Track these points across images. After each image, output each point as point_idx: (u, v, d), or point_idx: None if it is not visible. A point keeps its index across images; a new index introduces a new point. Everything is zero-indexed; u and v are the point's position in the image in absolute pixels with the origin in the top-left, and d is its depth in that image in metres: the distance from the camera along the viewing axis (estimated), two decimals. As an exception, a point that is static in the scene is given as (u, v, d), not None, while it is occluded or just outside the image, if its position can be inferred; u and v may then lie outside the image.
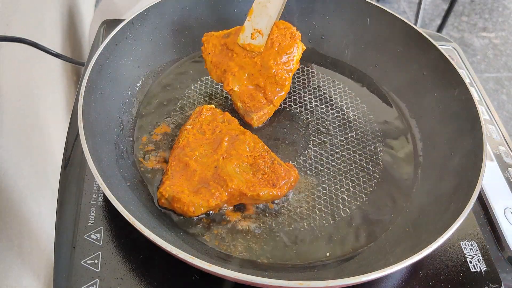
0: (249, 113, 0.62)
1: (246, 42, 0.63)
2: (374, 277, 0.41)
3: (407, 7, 2.35)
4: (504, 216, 0.56)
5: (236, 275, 0.40)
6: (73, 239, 0.48)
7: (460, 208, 0.47)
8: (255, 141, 0.57)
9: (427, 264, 0.50)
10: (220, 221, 0.53)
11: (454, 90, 0.62)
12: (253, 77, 0.62)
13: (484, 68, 2.07)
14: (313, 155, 0.61)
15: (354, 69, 0.74)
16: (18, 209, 0.71)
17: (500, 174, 0.61)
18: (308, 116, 0.66)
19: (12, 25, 0.70)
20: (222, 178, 0.52)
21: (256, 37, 0.62)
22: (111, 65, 0.61)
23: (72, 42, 1.08)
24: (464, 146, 0.57)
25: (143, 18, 0.67)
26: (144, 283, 0.46)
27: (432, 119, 0.64)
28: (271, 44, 0.62)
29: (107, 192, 0.45)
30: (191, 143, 0.56)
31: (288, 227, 0.53)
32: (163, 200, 0.52)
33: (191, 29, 0.73)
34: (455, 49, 0.82)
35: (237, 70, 0.63)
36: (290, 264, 0.50)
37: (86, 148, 0.48)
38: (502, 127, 0.69)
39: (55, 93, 0.96)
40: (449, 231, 0.45)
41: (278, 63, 0.61)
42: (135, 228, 0.43)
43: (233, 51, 0.63)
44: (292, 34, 0.62)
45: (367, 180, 0.59)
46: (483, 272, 0.50)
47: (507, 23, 2.34)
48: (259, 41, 0.62)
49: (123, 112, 0.61)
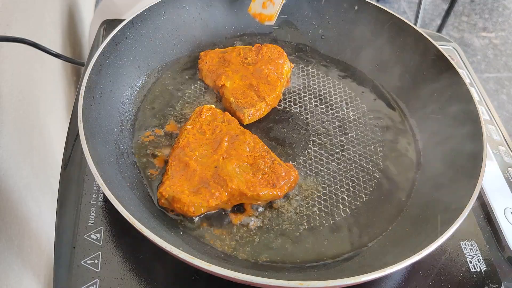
0: (241, 109, 0.62)
1: (257, 12, 0.62)
2: (374, 277, 0.41)
3: (407, 7, 2.35)
4: (504, 216, 0.56)
5: (236, 275, 0.40)
6: (73, 239, 0.48)
7: (460, 208, 0.47)
8: (255, 141, 0.57)
9: (427, 264, 0.50)
10: (220, 221, 0.53)
11: (454, 90, 0.62)
12: (246, 77, 0.66)
13: (484, 68, 2.07)
14: (313, 155, 0.61)
15: (354, 69, 0.74)
16: (18, 209, 0.71)
17: (500, 174, 0.61)
18: (308, 116, 0.66)
19: (12, 25, 0.70)
20: (222, 178, 0.52)
21: (268, 6, 0.61)
22: (111, 65, 0.61)
23: (72, 42, 1.08)
24: (464, 146, 0.56)
25: (143, 18, 0.67)
26: (144, 283, 0.46)
27: (432, 119, 0.64)
28: (261, 57, 0.69)
29: (107, 192, 0.45)
30: (191, 143, 0.56)
31: (288, 227, 0.53)
32: (163, 200, 0.52)
33: (191, 29, 0.73)
34: (455, 49, 0.82)
35: (231, 72, 0.66)
36: (290, 264, 0.50)
37: (86, 148, 0.48)
38: (502, 127, 0.69)
39: (55, 93, 0.96)
40: (449, 231, 0.45)
41: (269, 68, 0.67)
42: (135, 228, 0.43)
43: (229, 62, 0.68)
44: (279, 51, 0.70)
45: (367, 180, 0.59)
46: (483, 272, 0.50)
47: (507, 23, 2.34)
48: (270, 11, 0.61)
49: (123, 112, 0.61)
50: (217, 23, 0.75)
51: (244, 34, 0.77)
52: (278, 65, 0.68)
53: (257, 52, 0.70)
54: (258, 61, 0.68)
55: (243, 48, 0.71)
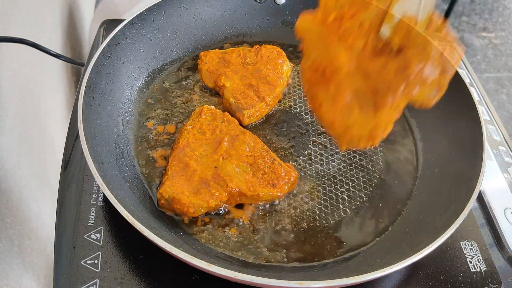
0: (241, 110, 0.63)
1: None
2: (374, 277, 0.41)
3: (407, 7, 2.34)
4: (504, 216, 0.56)
5: (236, 275, 0.40)
6: (73, 239, 0.48)
7: (460, 208, 0.47)
8: (255, 141, 0.57)
9: (427, 264, 0.50)
10: (220, 221, 0.53)
11: (454, 90, 0.62)
12: (246, 77, 0.66)
13: (484, 68, 2.07)
14: (313, 155, 0.61)
15: (354, 69, 0.74)
16: (18, 209, 0.71)
17: (500, 174, 0.61)
18: (308, 116, 0.66)
19: (12, 25, 0.70)
20: (222, 178, 0.52)
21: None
22: (111, 65, 0.61)
23: (72, 42, 1.08)
24: (464, 146, 0.57)
25: (143, 18, 0.67)
26: (144, 283, 0.46)
27: (432, 119, 0.64)
28: (260, 57, 0.69)
29: (107, 192, 0.45)
30: (191, 143, 0.56)
31: (288, 227, 0.53)
32: (163, 201, 0.52)
33: (191, 29, 0.73)
34: (455, 49, 0.82)
35: (231, 73, 0.66)
36: (290, 264, 0.50)
37: (86, 148, 0.48)
38: (502, 127, 0.69)
39: (55, 93, 0.96)
40: (449, 231, 0.45)
41: (268, 68, 0.67)
42: (135, 228, 0.43)
43: (229, 62, 0.68)
44: (278, 51, 0.70)
45: (367, 180, 0.59)
46: (483, 272, 0.50)
47: (507, 23, 2.34)
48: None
49: (123, 112, 0.61)
50: (217, 23, 0.75)
51: (244, 34, 0.77)
52: (277, 65, 0.68)
53: (257, 53, 0.70)
54: (257, 61, 0.69)
55: (242, 49, 0.71)
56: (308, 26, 0.48)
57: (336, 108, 0.47)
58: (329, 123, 0.48)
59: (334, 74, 0.46)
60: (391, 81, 0.43)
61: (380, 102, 0.44)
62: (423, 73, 0.42)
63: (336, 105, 0.46)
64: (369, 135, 0.46)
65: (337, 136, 0.49)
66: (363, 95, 0.45)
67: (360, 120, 0.46)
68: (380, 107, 0.44)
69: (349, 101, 0.46)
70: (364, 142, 0.47)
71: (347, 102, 0.46)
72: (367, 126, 0.46)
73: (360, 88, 0.45)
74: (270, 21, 0.78)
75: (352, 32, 0.44)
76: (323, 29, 0.46)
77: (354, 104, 0.45)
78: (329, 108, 0.47)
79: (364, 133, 0.46)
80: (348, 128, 0.47)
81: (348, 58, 0.45)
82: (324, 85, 0.47)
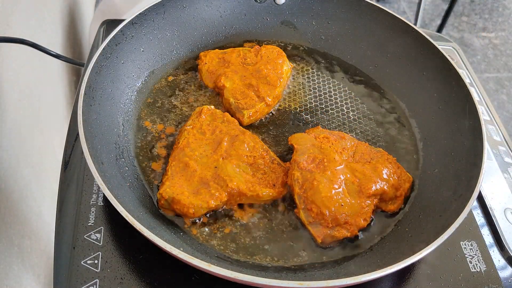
0: (241, 110, 0.63)
1: None
2: (374, 277, 0.41)
3: (407, 7, 2.35)
4: (504, 216, 0.56)
5: (236, 275, 0.40)
6: (73, 239, 0.48)
7: (460, 208, 0.47)
8: (254, 141, 0.57)
9: (427, 264, 0.50)
10: (220, 221, 0.53)
11: (454, 90, 0.62)
12: (246, 77, 0.66)
13: (484, 68, 2.07)
14: (313, 155, 0.61)
15: (354, 69, 0.74)
16: (18, 209, 0.71)
17: (500, 174, 0.61)
18: (308, 117, 0.66)
19: (12, 25, 0.70)
20: (222, 178, 0.52)
21: None
22: (111, 65, 0.61)
23: (72, 42, 1.08)
24: (464, 146, 0.56)
25: (143, 18, 0.67)
26: (144, 283, 0.46)
27: (432, 119, 0.64)
28: (260, 57, 0.69)
29: (107, 192, 0.45)
30: (191, 143, 0.56)
31: (288, 227, 0.53)
32: (163, 201, 0.52)
33: (191, 29, 0.73)
34: (455, 49, 0.82)
35: (230, 73, 0.66)
36: (290, 264, 0.50)
37: (86, 148, 0.48)
38: (502, 127, 0.69)
39: (55, 93, 0.96)
40: (449, 231, 0.45)
41: (268, 68, 0.67)
42: (135, 228, 0.43)
43: (229, 63, 0.68)
44: (278, 51, 0.70)
45: (367, 180, 0.59)
46: (483, 272, 0.50)
47: (507, 23, 2.34)
48: None
49: (123, 112, 0.61)
50: (217, 23, 0.75)
51: (244, 34, 0.77)
52: (277, 65, 0.68)
53: (256, 53, 0.70)
54: (257, 61, 0.69)
55: (242, 49, 0.71)
56: None
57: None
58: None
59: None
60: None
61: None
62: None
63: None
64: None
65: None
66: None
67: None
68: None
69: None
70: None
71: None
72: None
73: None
74: (270, 21, 0.78)
75: None
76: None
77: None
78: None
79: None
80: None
81: None
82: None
